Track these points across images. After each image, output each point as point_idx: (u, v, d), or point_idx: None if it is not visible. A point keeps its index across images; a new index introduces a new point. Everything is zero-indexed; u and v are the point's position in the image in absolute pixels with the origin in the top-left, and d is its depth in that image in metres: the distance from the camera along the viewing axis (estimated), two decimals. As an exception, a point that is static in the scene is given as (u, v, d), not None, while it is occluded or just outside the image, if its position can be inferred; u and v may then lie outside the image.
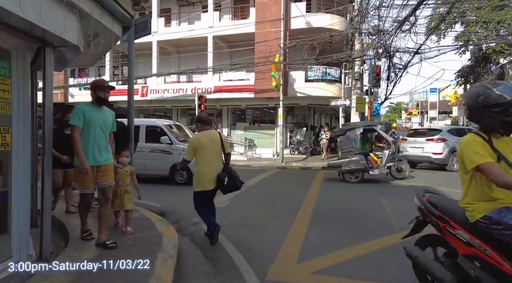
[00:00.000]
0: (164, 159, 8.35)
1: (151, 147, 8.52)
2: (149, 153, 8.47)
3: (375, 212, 5.34)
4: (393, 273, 2.96)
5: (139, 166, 7.86)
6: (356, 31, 13.13)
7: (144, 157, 8.19)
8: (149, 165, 8.35)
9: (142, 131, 8.59)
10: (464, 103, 2.13)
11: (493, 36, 16.72)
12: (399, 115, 66.15)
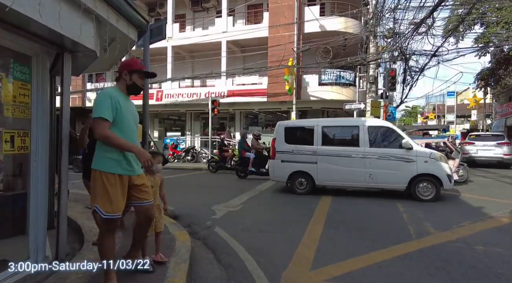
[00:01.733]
0: (403, 168, 6.58)
1: (382, 153, 6.73)
2: (378, 160, 6.74)
3: (391, 218, 5.19)
4: (413, 281, 2.84)
5: (360, 177, 6.82)
6: (371, 34, 12.95)
7: (370, 166, 6.76)
8: (378, 175, 6.74)
9: (363, 133, 6.93)
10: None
11: (514, 37, 16.18)
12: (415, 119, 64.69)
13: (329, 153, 7.08)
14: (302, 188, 7.31)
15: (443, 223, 4.76)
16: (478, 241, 3.94)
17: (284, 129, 7.69)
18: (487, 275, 2.99)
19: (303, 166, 7.28)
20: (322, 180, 7.18)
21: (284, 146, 7.55)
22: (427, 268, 3.16)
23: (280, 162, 7.54)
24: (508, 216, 5.20)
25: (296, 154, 7.39)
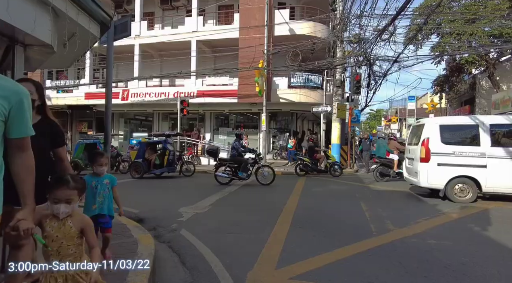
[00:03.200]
0: None
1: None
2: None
3: (355, 216, 5.40)
4: (371, 276, 2.98)
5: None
6: (338, 39, 13.42)
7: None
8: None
9: (484, 131, 6.46)
10: None
11: (465, 47, 17.50)
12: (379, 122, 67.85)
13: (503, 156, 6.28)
14: (463, 196, 6.43)
15: (402, 221, 5.03)
16: (431, 236, 4.21)
17: (439, 127, 6.77)
18: (438, 266, 3.20)
19: (467, 170, 6.41)
20: (491, 186, 6.30)
21: (441, 148, 6.63)
22: (385, 263, 3.32)
23: (436, 166, 6.62)
24: (457, 212, 5.61)
25: (458, 156, 6.49)
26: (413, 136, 7.95)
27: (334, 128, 13.74)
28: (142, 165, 10.73)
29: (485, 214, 5.48)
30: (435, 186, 6.75)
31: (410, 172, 7.62)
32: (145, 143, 11.54)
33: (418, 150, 7.00)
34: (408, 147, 8.10)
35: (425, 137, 6.84)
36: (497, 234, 4.31)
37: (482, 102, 22.71)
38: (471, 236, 4.31)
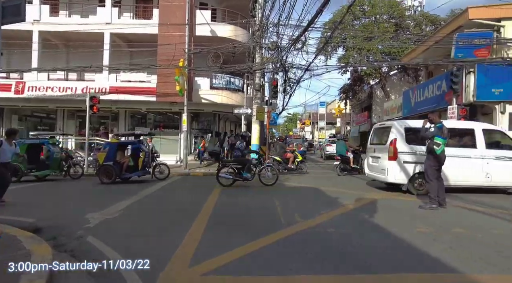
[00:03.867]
0: (508, 168, 7.56)
1: (493, 154, 7.61)
2: (491, 160, 7.56)
3: (268, 212, 5.78)
4: (280, 264, 3.26)
5: (478, 176, 7.46)
6: (257, 45, 14.03)
7: (487, 167, 7.50)
8: (492, 175, 7.50)
9: (479, 135, 7.67)
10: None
11: (364, 61, 20.19)
12: (295, 124, 72.98)
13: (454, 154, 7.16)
14: (421, 189, 7.31)
15: (309, 213, 5.59)
16: (331, 225, 4.80)
17: (404, 129, 7.60)
18: (335, 252, 3.69)
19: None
20: (445, 181, 6.84)
21: (406, 147, 7.46)
22: (291, 251, 3.68)
23: (402, 163, 7.37)
24: (353, 204, 6.50)
25: (419, 155, 7.18)
26: (375, 137, 8.80)
27: (253, 130, 14.31)
28: (114, 169, 9.52)
29: (373, 204, 6.47)
30: (401, 181, 7.55)
31: (374, 169, 8.35)
32: (116, 144, 10.30)
33: (386, 149, 7.76)
34: (371, 147, 8.79)
35: (392, 138, 7.65)
36: (380, 219, 5.15)
37: (377, 108, 26.53)
38: (361, 223, 5.06)
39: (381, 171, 8.00)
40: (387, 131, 8.11)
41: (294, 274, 3.05)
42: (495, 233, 4.48)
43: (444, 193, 6.17)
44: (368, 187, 9.08)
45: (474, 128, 7.90)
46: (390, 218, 5.35)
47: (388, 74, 24.36)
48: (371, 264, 3.29)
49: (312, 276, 3.01)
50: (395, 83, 25.18)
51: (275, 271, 3.10)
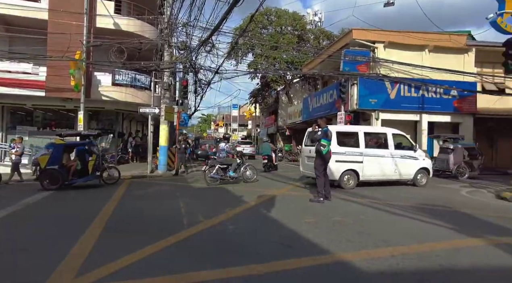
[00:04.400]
0: (409, 164, 9.57)
1: (399, 153, 9.49)
2: (397, 159, 9.42)
3: (171, 213, 5.75)
4: (176, 265, 3.33)
5: (390, 172, 9.38)
6: (166, 43, 13.65)
7: (395, 163, 9.38)
8: (399, 170, 9.46)
9: (389, 139, 9.45)
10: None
11: (271, 68, 21.64)
12: (209, 125, 72.98)
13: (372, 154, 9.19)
14: (348, 184, 8.95)
15: (212, 212, 5.78)
16: (232, 222, 5.10)
17: (336, 133, 8.77)
18: (231, 247, 3.96)
19: (352, 165, 8.96)
20: (365, 176, 9.07)
21: (338, 149, 8.77)
22: (191, 250, 3.79)
23: (335, 162, 8.63)
24: (255, 200, 6.99)
25: (348, 155, 8.91)
26: (310, 140, 9.92)
27: (162, 130, 13.83)
28: (60, 173, 8.44)
29: (272, 200, 7.08)
30: (333, 177, 8.71)
31: (309, 168, 9.35)
32: (62, 145, 8.74)
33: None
34: (307, 148, 9.82)
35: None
36: (276, 213, 5.70)
37: (282, 113, 28.69)
38: (259, 218, 5.51)
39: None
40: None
41: (189, 271, 3.16)
42: (362, 218, 5.47)
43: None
44: (272, 183, 9.84)
45: (386, 133, 9.73)
46: (284, 211, 5.95)
47: (292, 82, 26.63)
48: (263, 254, 3.65)
49: (206, 271, 3.16)
50: (297, 90, 27.68)
51: (170, 271, 3.15)
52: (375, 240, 4.14)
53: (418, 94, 15.29)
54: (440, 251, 3.76)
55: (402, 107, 15.19)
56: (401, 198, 7.67)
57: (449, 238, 4.33)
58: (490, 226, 5.15)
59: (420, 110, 15.31)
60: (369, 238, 4.23)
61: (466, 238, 4.34)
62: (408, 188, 9.42)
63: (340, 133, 9.24)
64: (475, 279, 3.01)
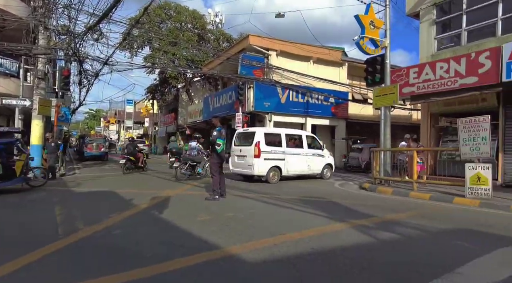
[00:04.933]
0: (318, 161, 11.72)
1: (311, 152, 11.53)
2: (310, 156, 11.42)
3: (43, 223, 4.98)
4: (48, 274, 2.92)
5: (305, 167, 11.39)
6: (41, 24, 11.62)
7: (308, 161, 11.38)
8: (311, 166, 11.48)
9: (304, 140, 11.42)
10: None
11: (170, 64, 20.90)
12: (98, 122, 65.39)
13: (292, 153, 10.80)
14: (274, 179, 10.35)
15: (95, 218, 5.25)
16: (118, 227, 4.75)
17: (264, 134, 10.30)
18: (119, 252, 3.70)
19: (277, 162, 10.43)
20: (287, 171, 10.64)
21: (266, 148, 10.09)
22: (73, 259, 3.37)
23: (263, 160, 10.00)
24: (148, 202, 6.67)
25: (273, 153, 10.26)
26: (239, 140, 11.08)
27: (34, 127, 11.74)
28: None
29: (167, 201, 6.89)
30: (263, 173, 10.21)
31: (240, 166, 10.69)
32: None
33: (252, 149, 10.15)
34: (237, 148, 10.90)
35: (257, 140, 10.15)
36: (169, 214, 5.58)
37: (182, 111, 28.05)
38: (150, 220, 5.30)
39: (247, 167, 10.33)
40: (252, 135, 10.48)
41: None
42: (252, 212, 5.88)
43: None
44: (169, 184, 9.54)
45: (301, 135, 11.66)
46: (178, 212, 5.88)
47: (193, 80, 26.31)
48: (153, 256, 3.53)
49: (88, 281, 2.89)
50: (198, 88, 27.52)
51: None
52: (262, 232, 4.52)
53: (304, 100, 17.23)
54: (313, 236, 4.36)
55: (291, 110, 16.85)
56: (287, 192, 8.54)
57: (322, 224, 5.07)
58: (352, 212, 6.24)
59: (305, 114, 17.28)
60: (256, 230, 4.58)
61: (334, 223, 5.16)
62: (296, 183, 10.55)
63: (267, 134, 10.65)
64: (336, 255, 3.63)
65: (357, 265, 3.31)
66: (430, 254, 3.74)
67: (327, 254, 3.63)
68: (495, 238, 4.44)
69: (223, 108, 19.01)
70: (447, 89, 10.15)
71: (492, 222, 5.50)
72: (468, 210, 6.63)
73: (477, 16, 10.61)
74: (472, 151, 7.70)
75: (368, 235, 4.50)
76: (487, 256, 3.63)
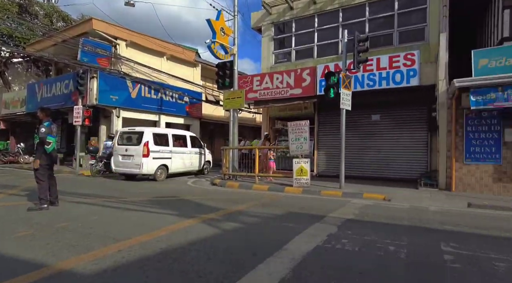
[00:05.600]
0: (199, 158, 12.94)
1: (194, 150, 12.72)
2: (193, 154, 12.63)
3: None
4: None
5: (189, 164, 12.51)
6: None
7: (191, 158, 12.55)
8: (194, 163, 12.68)
9: (188, 139, 12.59)
10: None
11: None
12: None
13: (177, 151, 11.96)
14: (161, 177, 11.20)
15: None
16: None
17: (152, 134, 11.05)
18: None
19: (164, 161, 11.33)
20: (173, 169, 11.72)
21: (154, 147, 10.93)
22: None
23: (152, 159, 10.79)
24: None
25: (161, 152, 11.18)
26: (124, 139, 11.34)
27: None
28: None
29: None
30: (151, 172, 10.79)
31: (126, 165, 10.89)
32: None
33: (140, 149, 10.59)
34: (122, 147, 11.09)
35: (145, 140, 10.65)
36: None
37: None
38: None
39: (135, 166, 10.66)
40: (140, 134, 10.89)
41: None
42: (94, 219, 5.23)
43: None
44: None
45: (186, 135, 12.64)
46: None
47: (11, 61, 20.79)
48: None
49: None
50: (20, 72, 21.99)
51: None
52: (104, 239, 4.10)
53: (157, 96, 16.61)
54: (162, 236, 4.30)
55: (143, 107, 15.92)
56: (136, 194, 8.04)
57: (172, 223, 5.06)
58: (202, 207, 6.52)
59: (159, 111, 16.71)
60: (97, 239, 4.12)
61: (184, 220, 5.24)
62: (145, 184, 10.04)
63: (155, 134, 11.22)
64: (185, 251, 3.72)
65: (203, 256, 3.50)
66: (264, 236, 4.38)
67: (177, 251, 3.67)
68: (311, 217, 5.63)
69: (57, 99, 15.93)
70: (281, 97, 12.08)
71: (309, 204, 6.95)
72: (294, 197, 8.12)
73: (303, 39, 13.11)
74: (297, 149, 9.47)
75: (215, 227, 4.82)
76: (305, 232, 4.57)
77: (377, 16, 11.56)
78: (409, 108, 11.08)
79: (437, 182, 9.09)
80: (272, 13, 13.69)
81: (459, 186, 8.61)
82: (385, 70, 10.19)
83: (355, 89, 10.23)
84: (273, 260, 3.42)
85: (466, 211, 6.43)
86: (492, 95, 7.47)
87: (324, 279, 2.97)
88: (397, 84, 10.03)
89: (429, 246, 4.01)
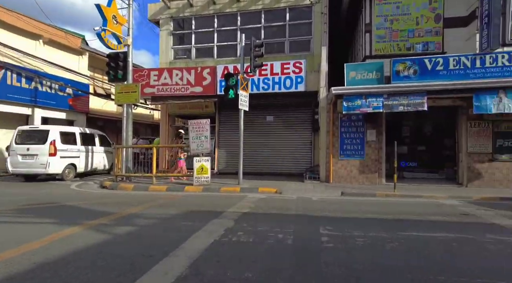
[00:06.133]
0: (108, 157, 12.80)
1: (106, 149, 12.70)
2: (101, 153, 12.53)
3: None
4: None
5: (98, 163, 12.42)
6: None
7: (100, 157, 12.45)
8: (103, 162, 12.58)
9: (96, 138, 12.41)
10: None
11: None
12: None
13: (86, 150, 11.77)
14: (69, 176, 11.02)
15: None
16: None
17: (59, 133, 10.77)
18: None
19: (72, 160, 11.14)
20: (81, 168, 11.47)
21: (62, 146, 10.68)
22: None
23: (59, 158, 10.56)
24: None
25: (69, 151, 10.96)
26: (25, 139, 10.59)
27: None
28: None
29: None
30: (58, 171, 10.60)
31: (28, 165, 10.34)
32: None
33: (46, 148, 10.34)
34: (22, 147, 10.40)
35: (52, 139, 10.44)
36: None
37: None
38: None
39: (39, 166, 10.23)
40: (44, 133, 10.49)
41: None
42: None
43: None
44: None
45: (94, 133, 12.45)
46: None
47: None
48: None
49: None
50: None
51: None
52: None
53: (30, 86, 13.99)
54: (38, 248, 3.72)
55: (9, 97, 13.15)
56: (5, 202, 6.66)
57: (50, 232, 4.41)
58: (88, 212, 5.86)
59: (33, 103, 14.11)
60: None
61: (66, 228, 4.64)
62: (7, 190, 8.37)
63: (62, 132, 10.85)
64: (67, 263, 3.31)
65: (90, 265, 3.21)
66: (161, 237, 4.28)
67: (57, 264, 3.25)
68: (209, 214, 5.74)
69: None
70: (181, 94, 11.84)
71: (208, 202, 7.07)
72: (195, 196, 8.11)
73: (203, 38, 13.14)
74: (198, 147, 9.47)
75: (104, 232, 4.44)
76: (203, 229, 4.65)
77: (272, 24, 12.52)
78: (297, 111, 12.41)
79: (319, 175, 10.49)
80: (171, 7, 13.23)
81: (335, 178, 10.14)
82: (278, 75, 11.15)
83: (252, 91, 10.85)
84: (170, 260, 3.39)
85: (340, 199, 7.65)
86: (358, 102, 9.08)
87: (220, 272, 3.11)
88: (287, 89, 11.11)
89: (311, 232, 4.64)
